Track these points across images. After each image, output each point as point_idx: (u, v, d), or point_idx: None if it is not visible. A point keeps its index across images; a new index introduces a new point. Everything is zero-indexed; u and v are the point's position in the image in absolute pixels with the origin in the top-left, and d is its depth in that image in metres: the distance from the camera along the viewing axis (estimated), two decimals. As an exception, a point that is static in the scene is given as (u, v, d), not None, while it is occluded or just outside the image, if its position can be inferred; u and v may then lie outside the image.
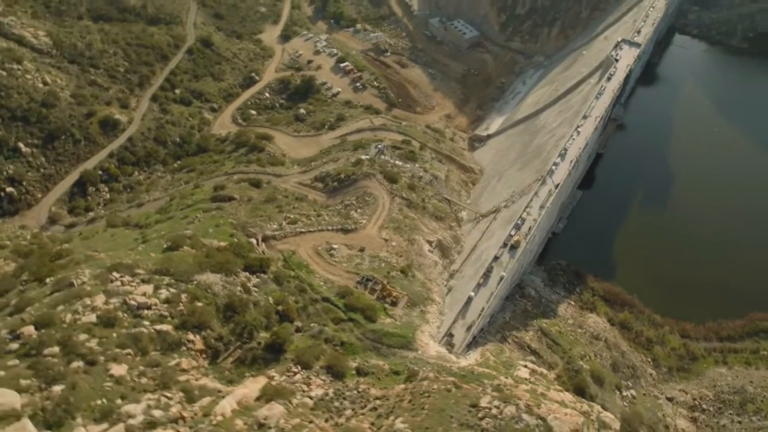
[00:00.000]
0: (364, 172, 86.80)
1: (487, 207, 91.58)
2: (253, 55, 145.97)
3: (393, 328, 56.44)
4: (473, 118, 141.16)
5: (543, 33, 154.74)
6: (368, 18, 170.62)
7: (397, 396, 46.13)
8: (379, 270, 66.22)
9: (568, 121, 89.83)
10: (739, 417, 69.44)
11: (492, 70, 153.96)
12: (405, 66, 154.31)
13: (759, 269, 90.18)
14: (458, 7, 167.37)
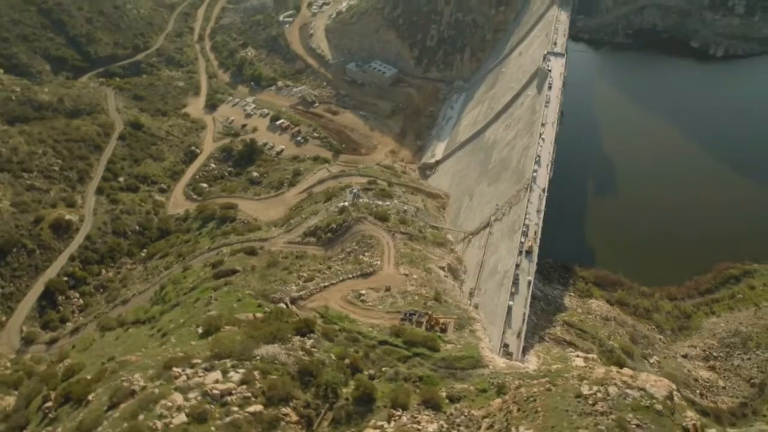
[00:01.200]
0: (354, 217, 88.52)
1: (471, 225, 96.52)
2: (186, 130, 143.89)
3: (458, 352, 58.23)
4: (415, 149, 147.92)
5: (456, 60, 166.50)
6: (286, 74, 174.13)
7: (501, 409, 47.89)
8: (415, 303, 67.92)
9: (524, 131, 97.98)
10: (747, 355, 78.14)
11: (419, 102, 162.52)
12: (336, 113, 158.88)
13: (712, 225, 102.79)
14: (370, 50, 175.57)
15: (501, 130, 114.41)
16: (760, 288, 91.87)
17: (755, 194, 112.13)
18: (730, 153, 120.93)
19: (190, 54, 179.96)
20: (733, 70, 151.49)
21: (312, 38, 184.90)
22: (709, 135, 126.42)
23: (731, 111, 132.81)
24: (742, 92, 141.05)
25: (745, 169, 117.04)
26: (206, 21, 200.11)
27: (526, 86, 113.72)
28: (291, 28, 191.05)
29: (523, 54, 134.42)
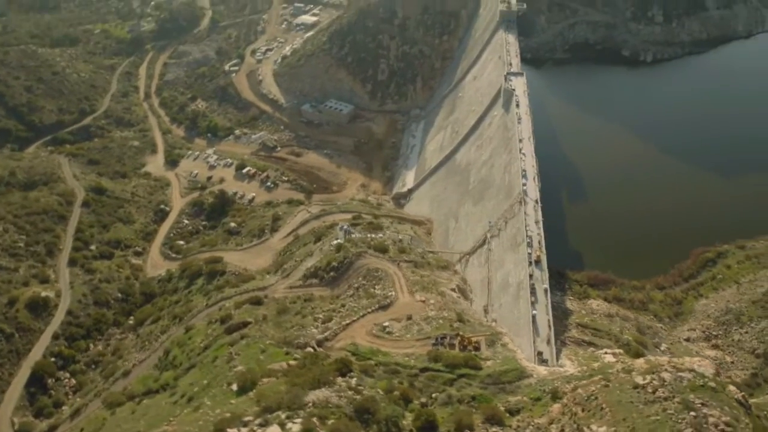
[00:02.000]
0: (354, 252, 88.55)
1: (465, 246, 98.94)
2: (151, 189, 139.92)
3: (500, 367, 59.08)
4: (385, 181, 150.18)
5: (409, 90, 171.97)
6: (242, 122, 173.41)
7: (564, 413, 49.00)
8: (441, 327, 68.45)
9: (501, 149, 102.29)
10: (743, 329, 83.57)
11: (379, 135, 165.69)
12: (300, 155, 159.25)
13: (680, 216, 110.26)
14: (323, 90, 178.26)
15: (473, 151, 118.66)
16: (735, 266, 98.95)
17: (710, 182, 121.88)
18: (680, 148, 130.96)
19: (139, 112, 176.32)
20: (663, 73, 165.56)
21: (261, 84, 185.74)
22: (658, 134, 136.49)
23: (671, 109, 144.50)
24: (675, 91, 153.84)
25: (697, 162, 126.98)
26: (149, 79, 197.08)
27: (490, 107, 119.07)
28: (238, 77, 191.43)
29: (478, 78, 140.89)
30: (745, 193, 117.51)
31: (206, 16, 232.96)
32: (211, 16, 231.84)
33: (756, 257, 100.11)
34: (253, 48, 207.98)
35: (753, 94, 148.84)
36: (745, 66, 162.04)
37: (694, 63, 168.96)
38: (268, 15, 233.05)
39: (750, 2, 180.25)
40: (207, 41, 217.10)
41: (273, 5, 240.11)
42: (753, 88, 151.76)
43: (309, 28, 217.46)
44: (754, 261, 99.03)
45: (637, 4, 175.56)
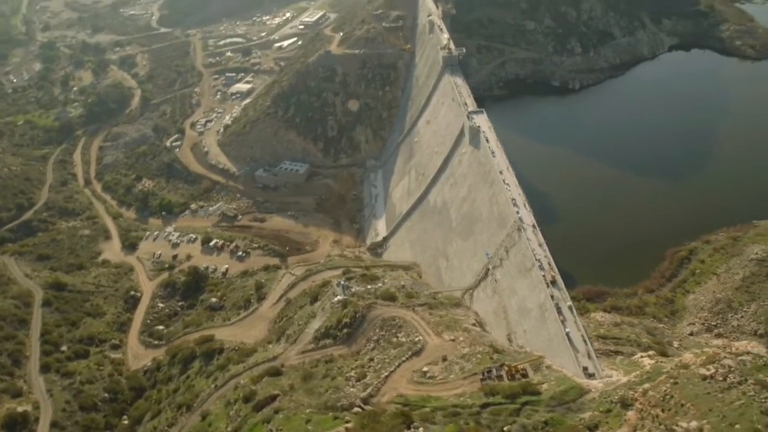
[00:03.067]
0: (364, 305, 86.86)
1: (464, 281, 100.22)
2: (115, 276, 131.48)
3: (558, 387, 59.28)
4: (355, 233, 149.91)
5: (361, 142, 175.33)
6: (195, 196, 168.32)
7: (643, 418, 49.74)
8: (483, 361, 68.00)
9: (480, 183, 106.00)
10: (738, 314, 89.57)
11: (339, 189, 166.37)
12: (263, 220, 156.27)
13: (647, 222, 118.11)
14: (274, 153, 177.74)
15: (446, 190, 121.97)
16: (708, 260, 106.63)
17: (660, 188, 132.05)
18: (624, 162, 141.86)
19: (83, 200, 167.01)
20: (592, 97, 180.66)
21: (208, 156, 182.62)
22: (602, 152, 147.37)
23: (607, 128, 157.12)
24: (606, 111, 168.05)
25: (643, 172, 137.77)
26: (86, 164, 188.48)
27: (455, 146, 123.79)
28: (183, 151, 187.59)
29: (432, 122, 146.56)
30: (695, 194, 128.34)
31: (136, 95, 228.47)
32: (140, 95, 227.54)
33: (722, 248, 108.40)
34: (191, 121, 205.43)
35: (671, 102, 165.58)
36: (658, 80, 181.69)
37: (615, 84, 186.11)
38: (200, 88, 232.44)
39: (648, 29, 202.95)
40: (142, 120, 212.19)
41: (203, 78, 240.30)
42: (669, 98, 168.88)
43: (245, 96, 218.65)
44: (722, 252, 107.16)
45: (556, 39, 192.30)
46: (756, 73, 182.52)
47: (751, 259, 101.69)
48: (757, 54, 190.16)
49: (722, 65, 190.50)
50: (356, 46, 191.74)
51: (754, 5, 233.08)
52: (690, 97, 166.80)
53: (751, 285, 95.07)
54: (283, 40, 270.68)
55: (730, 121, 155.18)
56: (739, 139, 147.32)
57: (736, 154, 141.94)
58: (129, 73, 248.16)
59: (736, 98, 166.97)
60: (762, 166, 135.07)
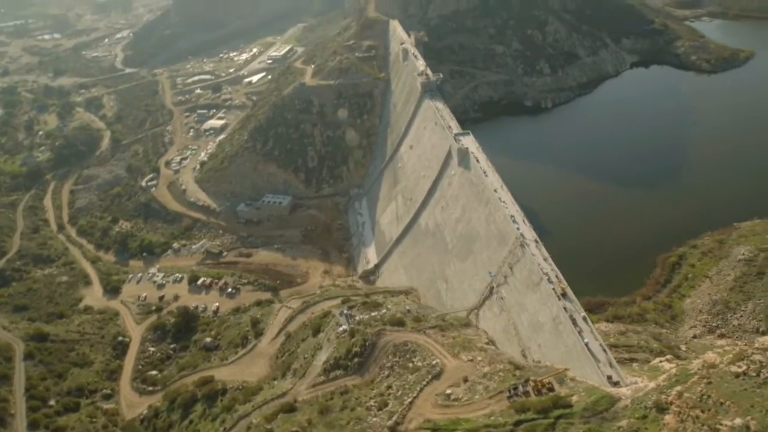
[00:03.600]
0: (372, 332, 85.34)
1: (467, 302, 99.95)
2: (100, 323, 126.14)
3: (588, 398, 58.90)
4: (345, 263, 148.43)
5: (343, 171, 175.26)
6: (176, 235, 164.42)
7: (682, 420, 49.80)
8: (506, 378, 67.21)
9: (475, 203, 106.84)
10: (737, 313, 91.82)
11: (324, 219, 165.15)
12: (250, 255, 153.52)
13: (634, 231, 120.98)
14: (255, 187, 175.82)
15: (438, 213, 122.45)
16: (698, 264, 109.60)
17: (642, 198, 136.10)
18: (604, 175, 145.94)
19: (57, 246, 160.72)
20: (564, 114, 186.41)
21: (186, 193, 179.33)
22: (581, 167, 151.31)
23: (583, 144, 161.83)
24: (579, 127, 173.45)
25: (623, 183, 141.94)
26: (58, 209, 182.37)
27: (444, 168, 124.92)
28: (159, 190, 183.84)
29: (415, 146, 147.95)
30: (674, 202, 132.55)
31: (105, 136, 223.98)
32: (110, 136, 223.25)
33: (710, 252, 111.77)
34: (166, 159, 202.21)
35: (640, 117, 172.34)
36: (625, 96, 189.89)
37: (585, 102, 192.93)
38: (172, 126, 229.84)
39: (610, 48, 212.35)
40: (113, 161, 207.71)
41: (174, 116, 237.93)
42: (638, 113, 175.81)
43: (219, 132, 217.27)
44: (711, 255, 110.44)
45: (525, 61, 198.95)
46: (713, 86, 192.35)
47: (739, 260, 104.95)
48: (713, 67, 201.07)
49: (681, 79, 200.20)
50: (330, 77, 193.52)
51: (702, 23, 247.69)
52: (657, 111, 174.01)
53: (744, 285, 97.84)
54: (252, 75, 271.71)
55: (697, 132, 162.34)
56: (708, 149, 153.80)
57: (707, 163, 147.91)
58: (96, 115, 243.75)
59: (699, 111, 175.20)
60: (733, 172, 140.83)
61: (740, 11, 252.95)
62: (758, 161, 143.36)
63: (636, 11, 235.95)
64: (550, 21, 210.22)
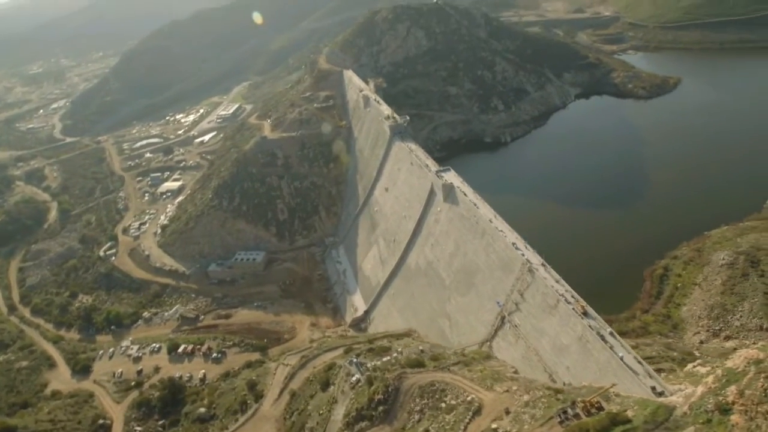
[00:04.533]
0: (393, 377, 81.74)
1: (476, 336, 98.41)
2: (72, 408, 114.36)
3: (644, 411, 57.93)
4: (331, 313, 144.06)
5: (316, 221, 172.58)
6: (144, 304, 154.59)
7: (751, 418, 49.55)
8: (550, 404, 65.24)
9: (469, 236, 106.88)
10: (736, 315, 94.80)
11: (302, 272, 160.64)
12: (229, 315, 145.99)
13: (617, 247, 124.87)
14: (225, 245, 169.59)
15: (428, 251, 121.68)
16: (684, 273, 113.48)
17: (619, 217, 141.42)
18: (574, 199, 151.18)
19: (11, 329, 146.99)
20: (523, 147, 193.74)
21: (150, 259, 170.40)
22: (548, 193, 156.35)
23: (550, 173, 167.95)
24: (541, 158, 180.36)
25: (599, 206, 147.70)
26: (6, 289, 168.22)
27: (428, 206, 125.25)
28: (120, 259, 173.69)
29: (391, 189, 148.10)
30: (646, 218, 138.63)
31: (52, 208, 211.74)
32: (57, 207, 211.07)
33: (691, 261, 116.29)
34: (123, 226, 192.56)
35: (595, 144, 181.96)
36: (576, 125, 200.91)
37: (541, 133, 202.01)
38: (125, 191, 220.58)
39: (554, 82, 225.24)
40: (64, 233, 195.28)
41: (126, 182, 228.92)
42: (592, 140, 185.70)
43: (177, 194, 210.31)
44: (693, 264, 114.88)
45: (479, 99, 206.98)
46: (652, 110, 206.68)
47: (721, 264, 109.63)
48: (648, 94, 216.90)
49: (622, 106, 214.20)
50: (291, 129, 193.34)
51: (628, 56, 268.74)
52: (609, 136, 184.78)
53: (734, 287, 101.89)
54: (203, 135, 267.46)
55: (649, 153, 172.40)
56: (663, 168, 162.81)
57: (665, 180, 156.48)
58: (39, 187, 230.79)
59: (646, 133, 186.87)
60: (691, 187, 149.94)
61: (658, 44, 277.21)
62: (712, 176, 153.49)
63: (570, 48, 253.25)
64: (497, 61, 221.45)
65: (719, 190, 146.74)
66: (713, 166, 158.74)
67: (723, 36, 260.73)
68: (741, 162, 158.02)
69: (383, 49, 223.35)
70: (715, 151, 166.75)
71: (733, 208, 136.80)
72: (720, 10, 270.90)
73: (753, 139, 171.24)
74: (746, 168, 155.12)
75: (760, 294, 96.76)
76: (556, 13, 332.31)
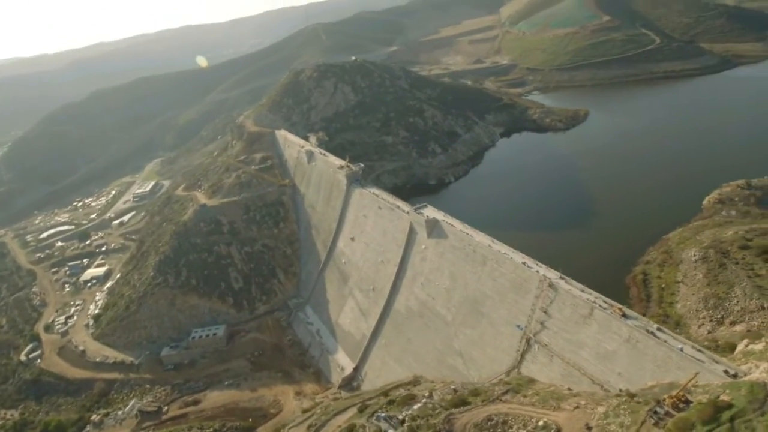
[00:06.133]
0: (440, 421, 74.07)
1: (497, 366, 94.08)
2: None
3: (738, 392, 56.51)
4: (314, 378, 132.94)
5: (275, 284, 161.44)
6: (89, 407, 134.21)
7: None
8: (633, 409, 61.91)
9: (465, 266, 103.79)
10: (732, 300, 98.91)
11: (271, 339, 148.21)
12: (199, 401, 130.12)
13: (590, 263, 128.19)
14: (176, 325, 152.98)
15: (418, 290, 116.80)
16: (663, 274, 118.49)
17: (583, 235, 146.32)
18: (531, 225, 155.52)
19: None
20: (467, 185, 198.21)
21: (87, 354, 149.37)
22: (511, 222, 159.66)
23: (503, 204, 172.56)
24: (490, 194, 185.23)
25: (562, 227, 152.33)
26: None
27: (409, 246, 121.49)
28: (48, 360, 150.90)
29: (358, 237, 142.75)
30: (606, 233, 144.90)
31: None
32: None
33: (664, 263, 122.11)
34: (45, 323, 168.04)
35: (531, 173, 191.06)
36: (509, 161, 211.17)
37: (480, 171, 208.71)
38: (39, 286, 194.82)
39: (480, 124, 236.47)
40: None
41: (38, 275, 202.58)
42: (529, 174, 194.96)
43: (104, 279, 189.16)
44: (667, 265, 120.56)
45: (416, 145, 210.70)
46: (575, 139, 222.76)
47: (695, 261, 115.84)
48: (566, 125, 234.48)
49: (546, 139, 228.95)
50: (232, 194, 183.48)
51: (534, 96, 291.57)
52: (544, 168, 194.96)
53: (716, 277, 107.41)
54: (121, 216, 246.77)
55: (585, 176, 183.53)
56: (603, 187, 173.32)
57: (609, 198, 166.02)
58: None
59: (576, 158, 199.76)
60: (635, 200, 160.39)
61: (556, 84, 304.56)
62: (648, 187, 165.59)
63: (485, 93, 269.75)
64: (425, 108, 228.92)
65: (659, 199, 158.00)
66: (646, 179, 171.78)
67: (610, 72, 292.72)
68: (669, 171, 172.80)
69: (313, 106, 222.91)
70: (642, 166, 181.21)
71: (677, 212, 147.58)
72: (601, 51, 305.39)
73: (672, 151, 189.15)
74: (676, 175, 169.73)
75: (745, 278, 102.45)
76: (458, 66, 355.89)
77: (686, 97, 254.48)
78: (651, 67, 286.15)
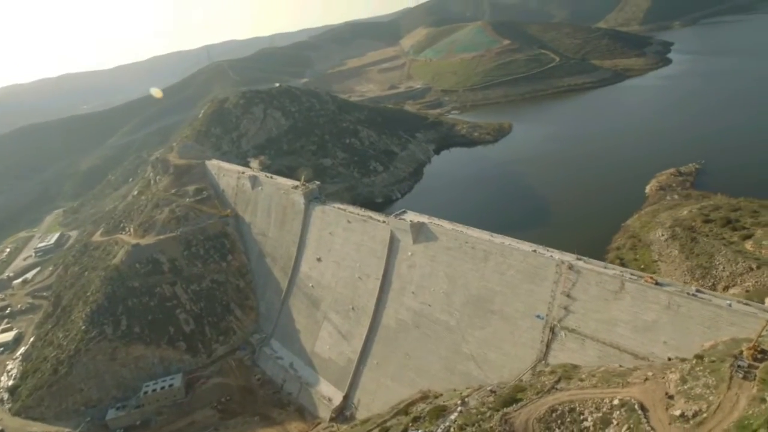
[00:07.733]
0: (497, 422, 67.46)
1: (519, 362, 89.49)
2: None
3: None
4: (298, 415, 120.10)
5: (231, 322, 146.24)
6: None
7: None
8: (710, 369, 59.41)
9: (467, 265, 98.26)
10: (718, 267, 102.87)
11: (237, 382, 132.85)
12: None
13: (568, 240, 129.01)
14: (119, 382, 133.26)
15: (410, 300, 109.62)
16: (638, 257, 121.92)
17: (548, 231, 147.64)
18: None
19: None
20: (416, 199, 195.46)
21: None
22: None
23: (458, 213, 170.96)
24: (443, 203, 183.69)
25: (519, 227, 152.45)
26: None
27: (392, 256, 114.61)
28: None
29: (325, 257, 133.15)
30: (571, 229, 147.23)
31: None
32: None
33: (634, 246, 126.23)
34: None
35: (472, 184, 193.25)
36: (450, 172, 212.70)
37: (423, 185, 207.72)
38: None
39: (413, 142, 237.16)
40: None
41: None
42: (469, 183, 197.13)
43: (16, 344, 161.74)
44: (638, 248, 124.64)
45: (357, 165, 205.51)
46: (505, 149, 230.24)
47: (665, 240, 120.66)
48: (494, 138, 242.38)
49: (478, 151, 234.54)
50: (168, 230, 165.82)
51: (453, 115, 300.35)
52: (483, 178, 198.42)
53: (692, 250, 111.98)
54: (23, 274, 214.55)
55: (529, 180, 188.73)
56: (549, 188, 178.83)
57: (557, 197, 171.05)
58: None
59: (513, 166, 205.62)
60: (582, 196, 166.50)
61: (473, 102, 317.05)
62: (591, 183, 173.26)
63: (410, 114, 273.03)
64: (360, 129, 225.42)
65: (605, 193, 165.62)
66: (586, 177, 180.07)
67: (519, 89, 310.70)
68: (603, 167, 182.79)
69: (243, 133, 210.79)
70: (579, 166, 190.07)
71: (626, 202, 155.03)
72: (508, 71, 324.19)
73: (600, 150, 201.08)
74: (610, 171, 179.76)
75: (722, 246, 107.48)
76: (373, 92, 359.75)
77: (592, 105, 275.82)
78: (555, 82, 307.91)
